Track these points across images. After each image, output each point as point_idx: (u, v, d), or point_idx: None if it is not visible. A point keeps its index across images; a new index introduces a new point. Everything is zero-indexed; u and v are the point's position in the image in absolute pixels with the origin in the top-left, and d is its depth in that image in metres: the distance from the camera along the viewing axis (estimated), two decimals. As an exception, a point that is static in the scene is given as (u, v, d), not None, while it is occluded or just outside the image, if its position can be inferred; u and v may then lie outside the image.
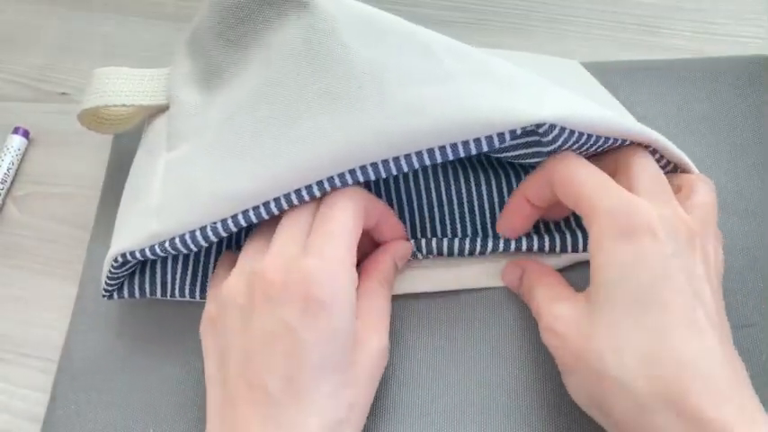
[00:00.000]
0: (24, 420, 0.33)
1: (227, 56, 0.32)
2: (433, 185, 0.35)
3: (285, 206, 0.28)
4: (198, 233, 0.29)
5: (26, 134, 0.41)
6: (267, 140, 0.29)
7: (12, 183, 0.40)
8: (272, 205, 0.28)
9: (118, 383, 0.33)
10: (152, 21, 0.46)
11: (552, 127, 0.26)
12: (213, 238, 0.29)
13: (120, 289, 0.33)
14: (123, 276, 0.32)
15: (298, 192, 0.28)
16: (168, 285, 0.33)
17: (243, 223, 0.29)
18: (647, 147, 0.29)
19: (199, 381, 0.32)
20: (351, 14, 0.29)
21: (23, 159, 0.41)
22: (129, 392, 0.32)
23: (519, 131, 0.26)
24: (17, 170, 0.41)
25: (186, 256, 0.34)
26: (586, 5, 0.43)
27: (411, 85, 0.27)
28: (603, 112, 0.28)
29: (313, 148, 0.28)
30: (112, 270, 0.31)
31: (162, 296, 0.33)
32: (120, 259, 0.30)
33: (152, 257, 0.30)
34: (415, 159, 0.27)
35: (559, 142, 0.27)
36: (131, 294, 0.33)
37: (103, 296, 0.33)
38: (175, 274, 0.34)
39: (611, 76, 0.38)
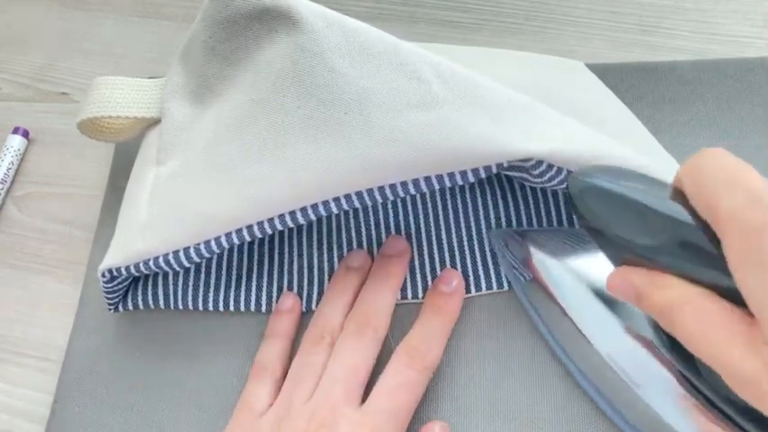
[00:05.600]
0: (24, 420, 0.33)
1: (218, 70, 0.32)
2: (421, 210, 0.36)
3: (268, 230, 0.28)
4: (181, 253, 0.29)
5: (26, 134, 0.41)
6: (252, 164, 0.28)
7: (12, 183, 0.40)
8: (255, 228, 0.28)
9: (121, 385, 0.33)
10: (152, 21, 0.46)
11: (539, 162, 0.26)
12: (196, 259, 0.29)
13: (124, 301, 0.34)
14: (119, 290, 0.32)
15: (281, 216, 0.28)
16: (171, 297, 0.34)
17: (225, 245, 0.29)
18: None
19: (202, 383, 0.32)
20: (340, 33, 0.28)
21: (23, 159, 0.41)
22: (132, 394, 0.32)
23: (506, 164, 0.26)
24: (17, 170, 0.41)
25: (187, 269, 0.34)
26: (586, 6, 0.43)
27: (397, 111, 0.27)
28: (596, 146, 0.27)
29: (297, 174, 0.27)
30: (105, 285, 0.31)
31: (165, 307, 0.34)
32: (107, 275, 0.30)
33: (137, 274, 0.30)
34: (400, 189, 0.27)
35: (546, 178, 0.27)
36: (135, 306, 0.34)
37: (109, 309, 0.33)
38: (177, 285, 0.34)
39: (612, 77, 0.38)
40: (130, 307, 0.34)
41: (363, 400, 0.29)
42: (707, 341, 0.19)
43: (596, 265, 0.28)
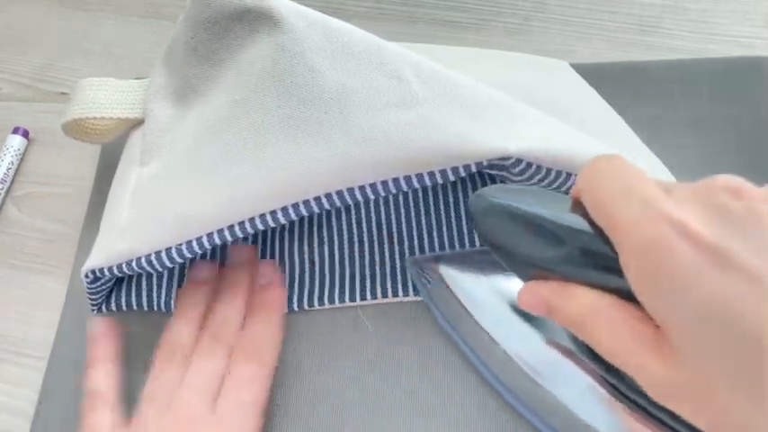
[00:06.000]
0: (24, 420, 0.33)
1: (200, 71, 0.32)
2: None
3: (250, 230, 0.28)
4: (163, 254, 0.29)
5: (26, 134, 0.41)
6: (232, 165, 0.29)
7: (12, 183, 0.41)
8: (237, 228, 0.28)
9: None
10: (152, 21, 0.46)
11: (518, 161, 0.26)
12: (178, 260, 0.29)
13: (107, 302, 0.33)
14: (102, 291, 0.32)
15: (262, 216, 0.28)
16: (154, 298, 0.34)
17: (207, 246, 0.29)
18: None
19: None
20: (321, 33, 0.28)
21: (23, 159, 0.41)
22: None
23: (485, 163, 0.26)
24: (17, 170, 0.41)
25: (171, 270, 0.34)
26: (586, 6, 0.43)
27: (377, 110, 0.27)
28: (575, 144, 0.27)
29: (277, 174, 0.27)
30: (88, 286, 0.31)
31: (148, 308, 0.34)
32: (90, 275, 0.30)
33: (119, 275, 0.30)
34: (380, 188, 0.27)
35: (526, 176, 0.27)
36: (119, 307, 0.34)
37: (92, 310, 0.33)
38: (161, 287, 0.34)
39: (608, 76, 0.38)
40: (114, 308, 0.34)
41: None
42: (618, 349, 0.20)
43: (513, 281, 0.29)
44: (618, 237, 0.19)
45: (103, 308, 0.33)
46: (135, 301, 0.34)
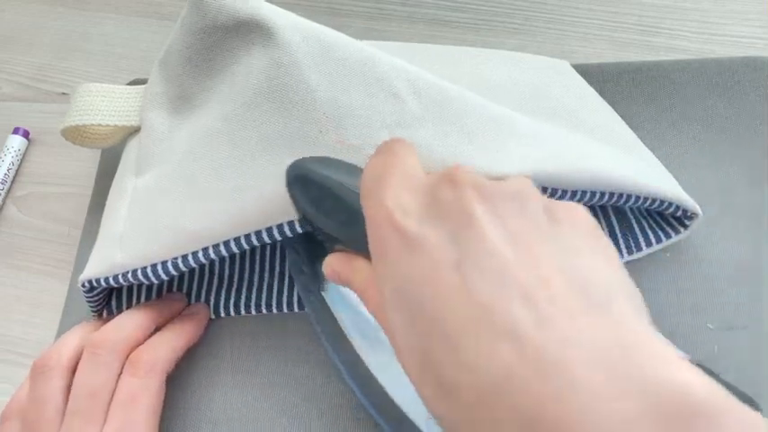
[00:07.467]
0: (24, 420, 0.33)
1: (195, 82, 0.32)
2: None
3: (245, 245, 0.28)
4: (159, 267, 0.29)
5: (26, 134, 0.42)
6: (227, 180, 0.28)
7: (12, 183, 0.41)
8: (232, 244, 0.28)
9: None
10: (152, 21, 0.46)
11: None
12: (173, 272, 0.29)
13: (108, 306, 0.33)
14: (101, 297, 0.32)
15: (258, 233, 0.28)
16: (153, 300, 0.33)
17: (203, 260, 0.29)
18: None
19: (180, 383, 0.32)
20: (316, 47, 0.28)
21: (23, 159, 0.41)
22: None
23: None
24: (17, 170, 0.41)
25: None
26: (586, 6, 0.43)
27: (373, 130, 0.27)
28: (567, 162, 0.27)
29: (271, 192, 0.27)
30: (85, 294, 0.31)
31: None
32: (86, 285, 0.30)
33: (116, 285, 0.30)
34: None
35: None
36: (119, 309, 0.33)
37: (93, 314, 0.33)
38: (161, 292, 0.34)
39: (608, 77, 0.38)
40: (114, 312, 0.33)
41: None
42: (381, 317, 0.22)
43: None
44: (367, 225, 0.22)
45: (105, 313, 0.33)
46: (135, 305, 0.33)
